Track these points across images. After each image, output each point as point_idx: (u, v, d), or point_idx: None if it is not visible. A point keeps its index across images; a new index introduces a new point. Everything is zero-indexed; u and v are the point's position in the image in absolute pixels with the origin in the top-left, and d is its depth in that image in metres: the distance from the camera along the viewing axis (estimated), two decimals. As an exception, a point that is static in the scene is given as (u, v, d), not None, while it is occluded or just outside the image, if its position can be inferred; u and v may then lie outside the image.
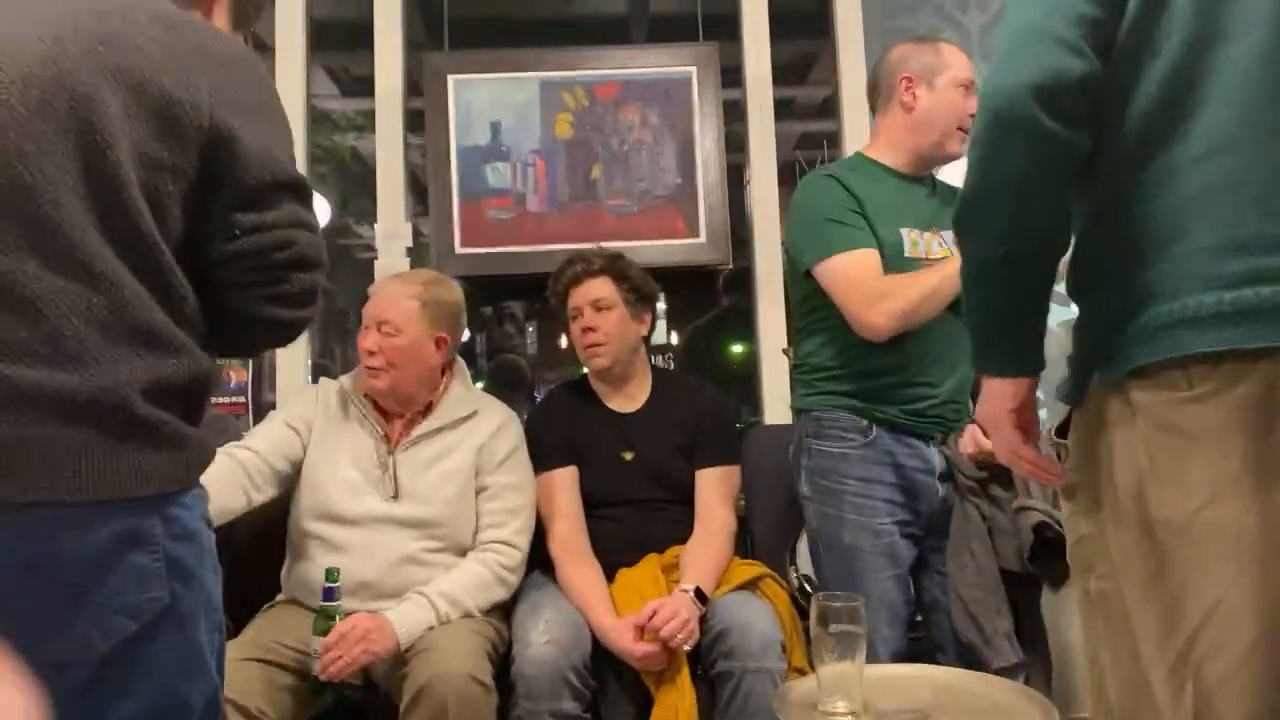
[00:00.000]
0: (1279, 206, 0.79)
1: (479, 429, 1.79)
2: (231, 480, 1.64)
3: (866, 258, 1.58)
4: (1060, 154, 0.86)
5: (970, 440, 1.62)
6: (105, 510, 0.81)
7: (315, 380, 1.99)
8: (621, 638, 1.61)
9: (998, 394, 1.00)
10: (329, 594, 1.54)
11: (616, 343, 1.88)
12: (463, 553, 1.73)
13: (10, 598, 0.78)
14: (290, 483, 1.75)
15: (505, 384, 3.22)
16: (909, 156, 1.69)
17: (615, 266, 1.90)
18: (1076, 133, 0.86)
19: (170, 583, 0.85)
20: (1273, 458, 0.78)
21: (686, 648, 1.60)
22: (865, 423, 1.62)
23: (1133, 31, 0.86)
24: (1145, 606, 0.84)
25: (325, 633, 1.50)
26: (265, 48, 2.36)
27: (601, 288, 1.88)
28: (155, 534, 0.84)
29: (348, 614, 1.54)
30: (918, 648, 1.67)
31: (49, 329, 0.79)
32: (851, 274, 1.58)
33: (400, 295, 1.75)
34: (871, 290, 1.56)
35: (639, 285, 1.90)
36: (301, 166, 1.23)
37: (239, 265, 0.91)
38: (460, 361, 1.89)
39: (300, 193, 0.95)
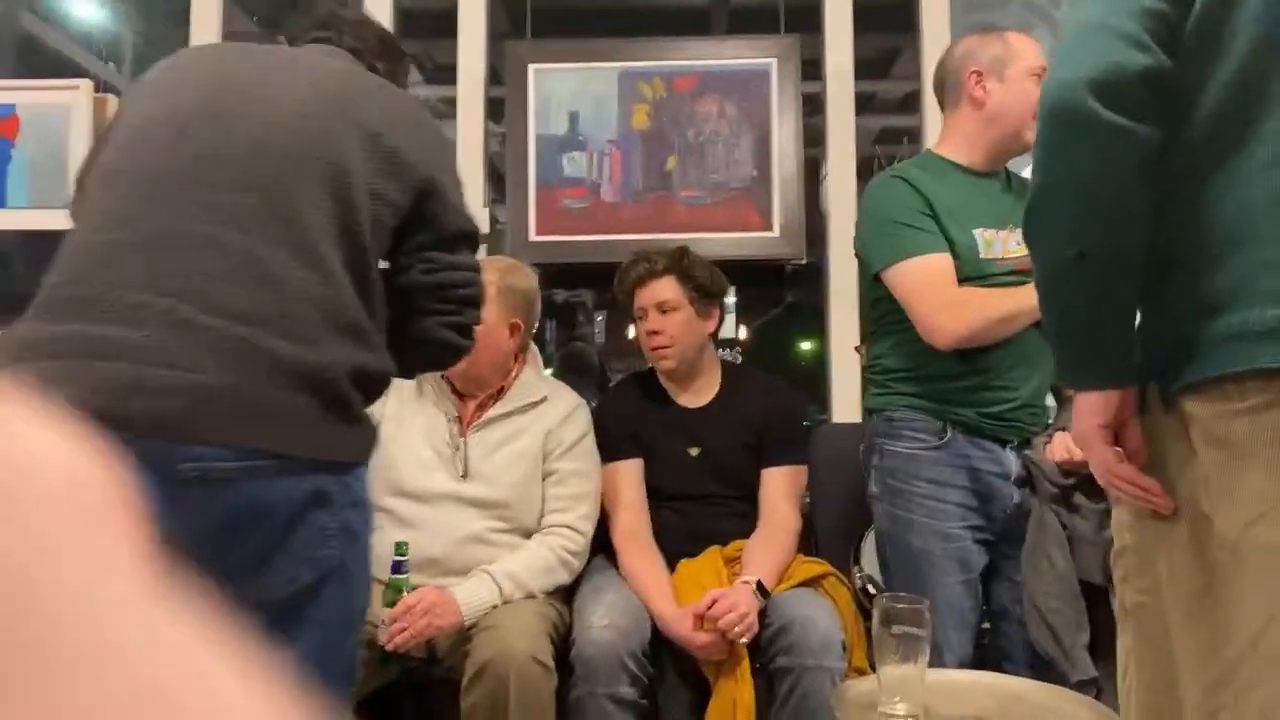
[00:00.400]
0: None
1: (548, 414, 1.82)
2: None
3: (937, 262, 1.54)
4: (1125, 147, 0.83)
5: (1060, 447, 1.56)
6: (307, 469, 0.94)
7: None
8: (681, 626, 1.62)
9: (1087, 409, 0.92)
10: (397, 566, 1.58)
11: (682, 344, 1.87)
12: (528, 535, 1.76)
13: (229, 539, 0.90)
14: None
15: (574, 371, 3.25)
16: (983, 154, 1.63)
17: (680, 266, 1.87)
18: (1142, 125, 0.82)
19: (341, 542, 0.97)
20: None
21: (744, 640, 1.60)
22: (940, 424, 1.58)
23: (1200, 28, 0.82)
24: (1188, 624, 0.81)
25: (393, 604, 1.55)
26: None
27: (666, 289, 1.86)
28: (335, 497, 0.97)
29: (415, 588, 1.59)
30: (985, 656, 1.64)
31: (288, 308, 0.95)
32: (920, 279, 1.54)
33: None
34: (942, 296, 1.52)
35: (705, 284, 1.87)
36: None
37: (431, 294, 1.09)
38: (533, 348, 1.92)
39: (475, 244, 1.15)
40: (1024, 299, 1.49)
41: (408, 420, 1.79)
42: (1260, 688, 0.76)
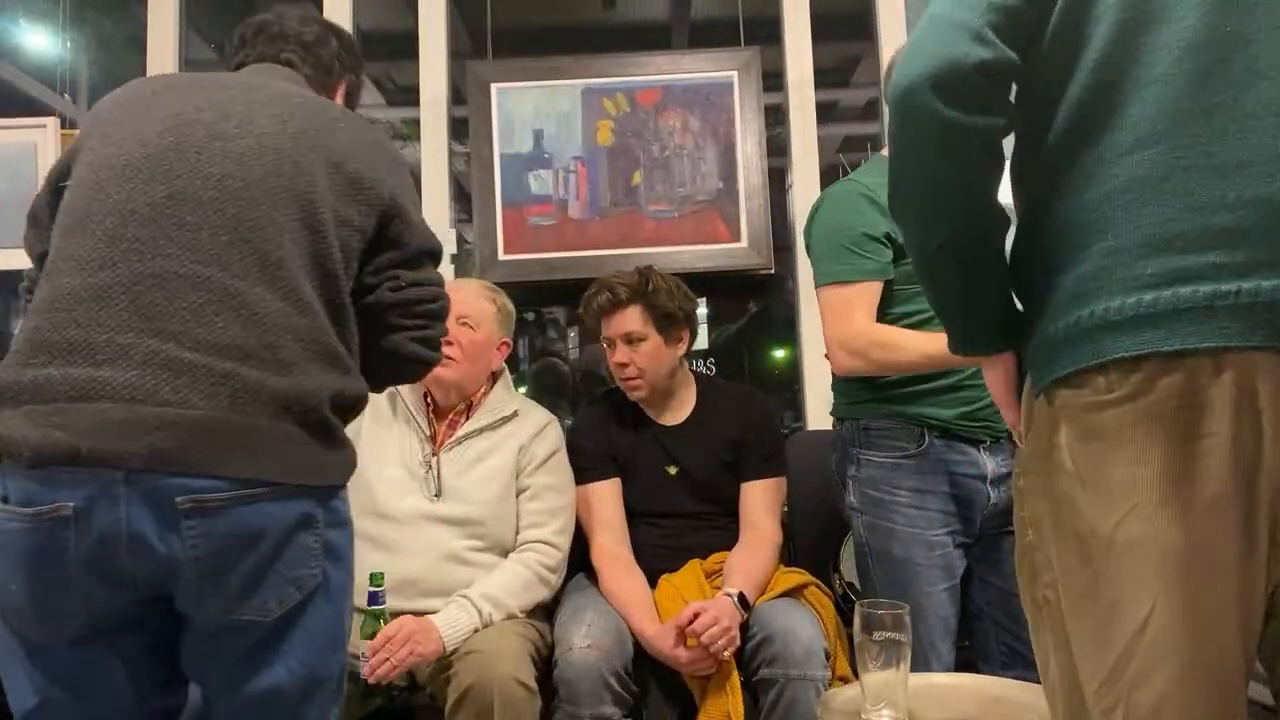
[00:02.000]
0: (1203, 202, 0.75)
1: (520, 430, 1.81)
2: None
3: (858, 295, 1.53)
4: (965, 140, 0.83)
5: None
6: (294, 494, 0.98)
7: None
8: (664, 644, 1.61)
9: (989, 378, 0.96)
10: (374, 598, 1.56)
11: (652, 374, 1.86)
12: (505, 552, 1.75)
13: (225, 563, 0.95)
14: None
15: (549, 388, 3.23)
16: None
17: (645, 295, 1.83)
18: (980, 117, 0.82)
19: (324, 562, 1.01)
20: (1191, 465, 0.74)
21: (726, 654, 1.59)
22: (918, 430, 1.57)
23: (1062, 21, 0.83)
24: (1078, 620, 0.81)
25: (372, 635, 1.52)
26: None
27: (631, 320, 1.84)
28: (319, 519, 1.01)
29: (394, 614, 1.57)
30: (963, 658, 1.63)
31: (269, 339, 0.99)
32: (837, 309, 1.55)
33: (479, 294, 1.84)
34: (848, 331, 1.53)
35: (670, 312, 1.84)
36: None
37: (400, 310, 1.12)
38: (504, 365, 1.92)
39: (438, 259, 1.18)
40: (925, 347, 1.47)
41: (381, 441, 1.78)
42: (1149, 681, 0.75)
